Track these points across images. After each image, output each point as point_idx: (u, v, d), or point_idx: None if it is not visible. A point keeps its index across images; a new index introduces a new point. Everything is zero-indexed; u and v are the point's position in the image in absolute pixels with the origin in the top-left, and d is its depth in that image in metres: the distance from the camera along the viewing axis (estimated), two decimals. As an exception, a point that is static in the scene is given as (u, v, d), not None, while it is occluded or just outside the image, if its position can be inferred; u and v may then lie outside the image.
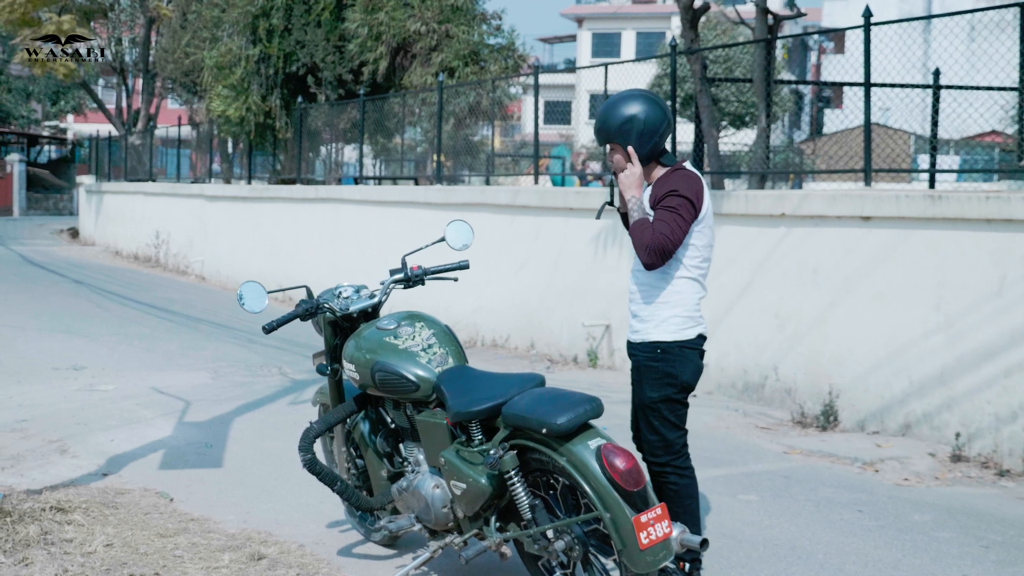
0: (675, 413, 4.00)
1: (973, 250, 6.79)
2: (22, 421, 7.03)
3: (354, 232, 14.17)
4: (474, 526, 3.98)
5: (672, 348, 3.94)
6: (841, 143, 14.11)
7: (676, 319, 3.95)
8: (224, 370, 9.06)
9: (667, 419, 3.98)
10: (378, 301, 4.49)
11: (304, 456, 4.33)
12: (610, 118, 3.94)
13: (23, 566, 4.32)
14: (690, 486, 4.03)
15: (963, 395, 6.78)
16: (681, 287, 3.96)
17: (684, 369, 3.96)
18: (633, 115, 3.89)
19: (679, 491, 4.01)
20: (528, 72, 15.22)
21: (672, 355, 3.94)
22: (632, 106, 3.91)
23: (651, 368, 3.96)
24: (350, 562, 4.58)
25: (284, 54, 16.82)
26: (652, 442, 4.01)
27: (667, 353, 3.94)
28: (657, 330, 3.95)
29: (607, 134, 3.98)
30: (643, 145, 3.91)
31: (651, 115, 3.90)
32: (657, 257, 3.83)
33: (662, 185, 3.93)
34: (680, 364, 3.95)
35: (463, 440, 3.96)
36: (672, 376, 3.95)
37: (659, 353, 3.95)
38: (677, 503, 3.99)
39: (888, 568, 4.59)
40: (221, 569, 4.41)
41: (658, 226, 3.83)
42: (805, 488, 5.87)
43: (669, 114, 4.00)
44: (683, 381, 3.97)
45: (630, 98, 3.95)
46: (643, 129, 3.89)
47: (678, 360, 3.95)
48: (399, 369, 4.08)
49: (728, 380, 8.48)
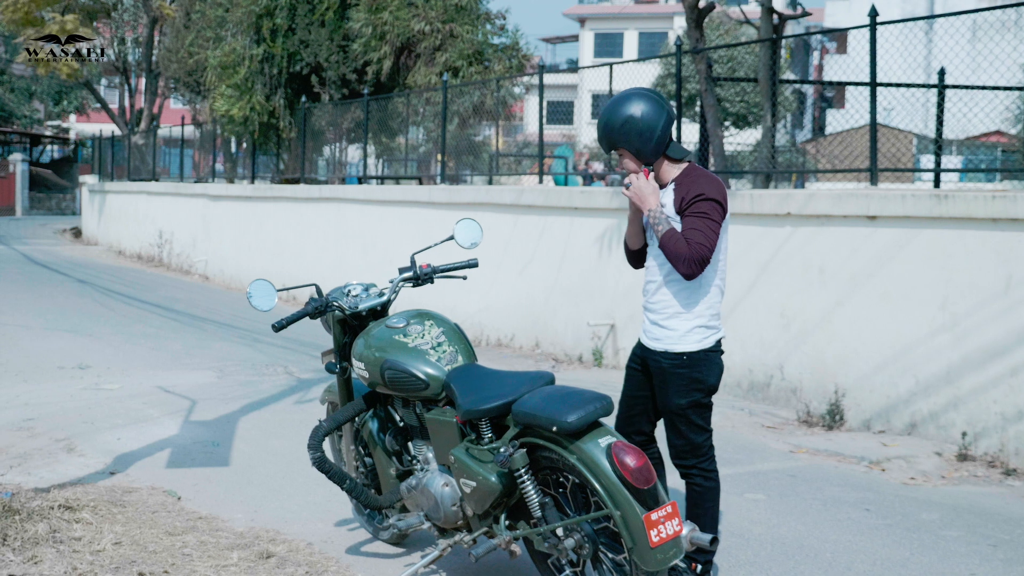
0: (702, 416, 3.99)
1: (979, 249, 6.79)
2: (28, 420, 7.04)
3: (358, 232, 14.18)
4: (483, 524, 3.99)
5: (698, 355, 3.94)
6: (844, 143, 14.12)
7: (700, 329, 3.94)
8: (230, 369, 9.07)
9: (694, 423, 3.98)
10: (387, 299, 4.49)
11: (313, 454, 4.33)
12: (610, 123, 3.92)
13: (32, 564, 4.33)
14: (714, 489, 4.03)
15: (969, 394, 6.78)
16: (706, 295, 3.95)
17: (710, 373, 3.96)
18: (630, 115, 3.87)
19: (703, 493, 4.01)
20: (533, 72, 15.22)
21: (698, 361, 3.94)
22: (628, 106, 3.89)
23: (677, 375, 3.94)
24: (359, 560, 4.59)
25: (288, 54, 16.81)
26: (679, 446, 4.01)
27: (692, 359, 3.93)
28: (682, 341, 3.93)
29: (611, 140, 3.95)
30: (646, 142, 3.88)
31: (648, 111, 3.87)
32: (697, 267, 3.78)
33: (686, 188, 3.87)
34: (706, 369, 3.95)
35: (473, 438, 3.96)
36: (699, 381, 3.94)
37: (685, 359, 3.93)
38: (699, 505, 3.99)
39: (896, 566, 4.60)
40: (230, 567, 4.42)
41: (693, 235, 3.78)
42: (812, 487, 5.87)
43: (668, 106, 3.95)
44: (709, 385, 3.97)
45: (625, 99, 3.93)
46: (643, 127, 3.86)
47: (703, 365, 3.94)
48: (409, 367, 4.09)
49: (733, 379, 8.48)
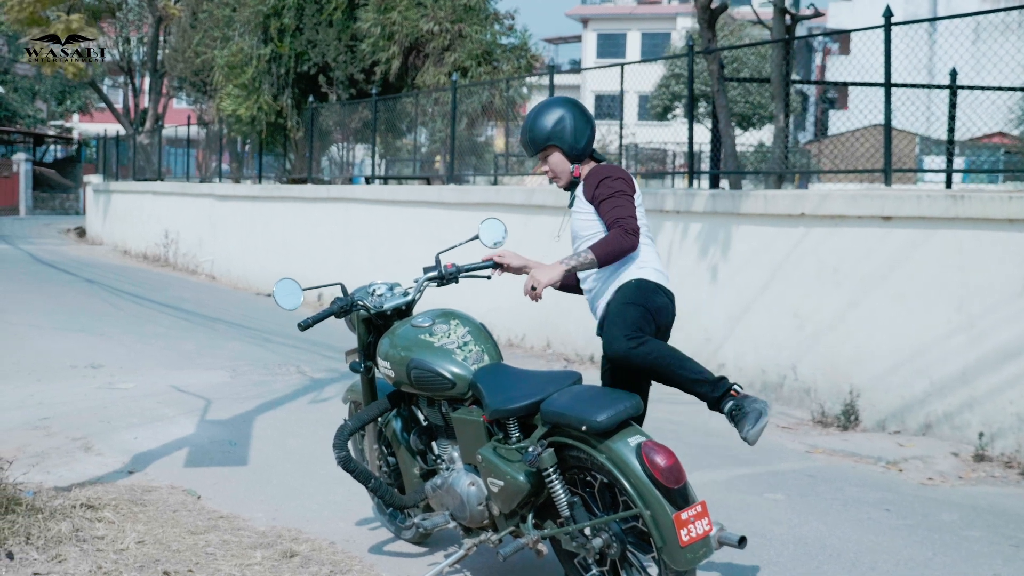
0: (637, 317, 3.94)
1: (996, 250, 6.79)
2: (44, 419, 7.04)
3: (366, 232, 14.18)
4: (510, 523, 3.99)
5: (645, 281, 3.99)
6: (847, 144, 14.12)
7: (645, 271, 4.03)
8: (242, 369, 9.07)
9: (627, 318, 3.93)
10: (412, 299, 4.49)
11: (339, 454, 4.33)
12: (542, 123, 4.12)
13: (57, 562, 4.33)
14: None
15: (985, 395, 6.78)
16: (637, 255, 4.03)
17: (656, 299, 3.96)
18: (562, 115, 4.10)
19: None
20: (544, 72, 15.22)
21: (646, 286, 3.98)
22: (560, 108, 4.13)
23: (623, 291, 3.98)
24: (382, 560, 4.59)
25: (296, 54, 16.83)
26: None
27: (641, 282, 3.98)
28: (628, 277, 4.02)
29: (545, 137, 4.12)
30: (579, 139, 4.09)
31: (579, 113, 4.13)
32: (634, 236, 3.91)
33: (593, 178, 4.05)
34: (652, 294, 3.96)
35: (500, 437, 3.96)
36: (643, 298, 3.94)
37: (632, 283, 3.98)
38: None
39: (920, 567, 4.60)
40: (254, 566, 4.42)
41: (614, 213, 3.93)
42: (831, 487, 5.87)
43: (589, 114, 4.18)
44: (655, 306, 3.96)
45: (555, 103, 4.17)
46: (576, 126, 4.09)
47: (650, 289, 3.97)
48: (435, 366, 4.09)
49: (746, 379, 8.48)
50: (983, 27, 10.66)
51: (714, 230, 8.86)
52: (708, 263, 8.91)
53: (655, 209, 9.47)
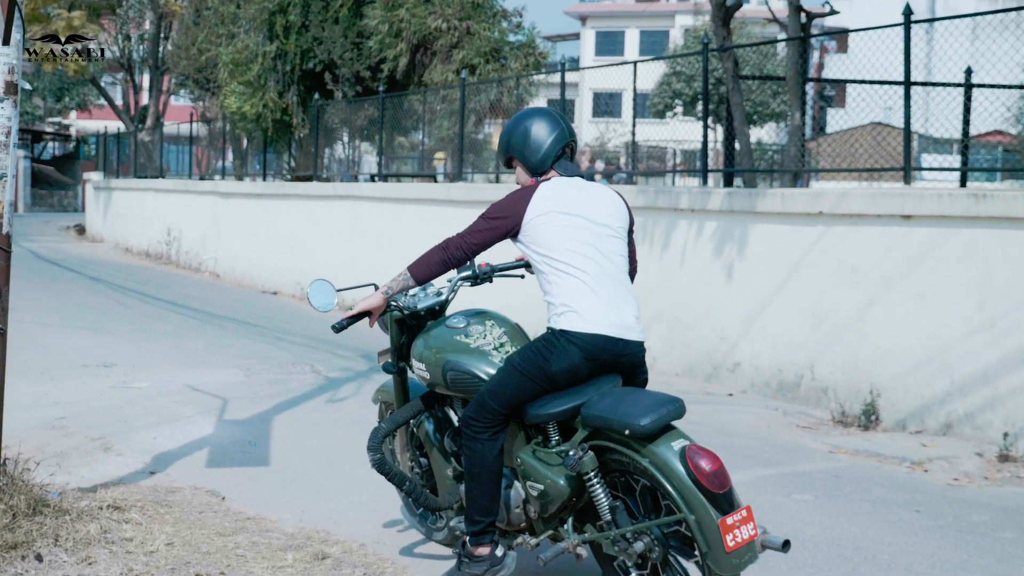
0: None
1: (1018, 249, 6.77)
2: (60, 418, 6.99)
3: (372, 229, 14.13)
4: (548, 527, 3.94)
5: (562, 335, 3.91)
6: (847, 142, 14.09)
7: (570, 315, 3.93)
8: (256, 368, 9.02)
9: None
10: (445, 299, 4.45)
11: (373, 456, 4.28)
12: (505, 135, 4.14)
13: (87, 565, 4.29)
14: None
15: (1007, 394, 6.75)
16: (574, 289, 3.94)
17: (560, 361, 3.85)
18: (525, 128, 4.07)
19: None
20: (555, 68, 15.18)
21: (555, 345, 3.90)
22: (523, 121, 4.09)
23: (526, 347, 3.98)
24: (414, 562, 4.55)
25: (301, 51, 16.76)
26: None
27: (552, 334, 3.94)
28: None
29: (504, 150, 4.14)
30: (535, 153, 4.04)
31: (539, 128, 4.05)
32: (446, 249, 3.97)
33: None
34: (559, 356, 3.86)
35: (539, 440, 3.92)
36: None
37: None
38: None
39: (957, 568, 4.57)
40: (286, 568, 4.38)
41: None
42: (857, 488, 5.84)
43: (563, 125, 4.09)
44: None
45: (524, 116, 4.14)
46: (535, 140, 4.03)
47: (556, 350, 3.87)
48: (472, 368, 4.04)
49: (762, 379, 8.46)
50: (980, 26, 10.62)
51: (730, 228, 8.83)
52: (724, 262, 8.88)
53: (669, 207, 9.43)
